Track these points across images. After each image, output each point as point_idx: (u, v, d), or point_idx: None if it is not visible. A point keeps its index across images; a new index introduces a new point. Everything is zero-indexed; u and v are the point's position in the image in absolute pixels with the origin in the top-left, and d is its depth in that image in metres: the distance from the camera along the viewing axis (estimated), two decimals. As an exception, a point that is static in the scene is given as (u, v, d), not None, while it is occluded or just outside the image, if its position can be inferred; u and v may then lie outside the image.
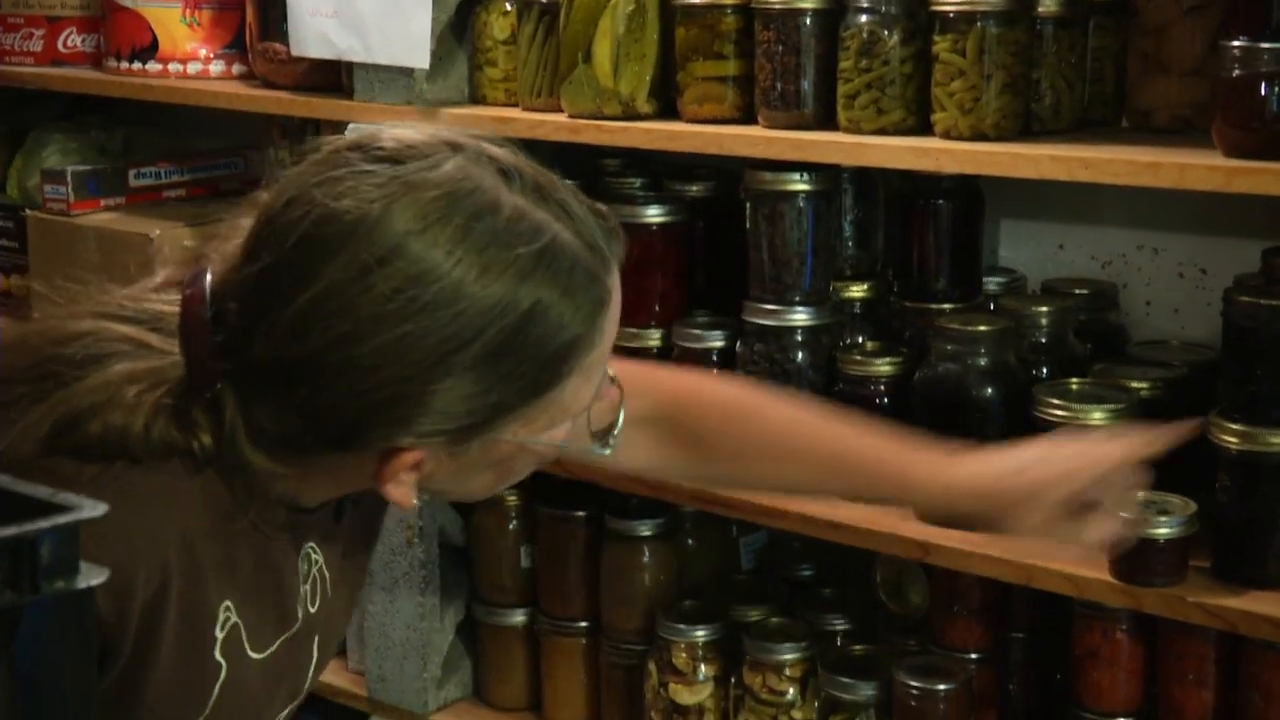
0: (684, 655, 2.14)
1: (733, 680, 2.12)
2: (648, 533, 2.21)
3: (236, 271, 1.20)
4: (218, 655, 1.25)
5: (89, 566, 0.79)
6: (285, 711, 1.38)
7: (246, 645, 1.28)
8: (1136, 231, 2.10)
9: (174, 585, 1.20)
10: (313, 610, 1.35)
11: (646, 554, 2.22)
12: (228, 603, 1.25)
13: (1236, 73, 1.62)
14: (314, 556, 1.34)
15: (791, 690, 2.06)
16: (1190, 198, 1.76)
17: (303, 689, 1.39)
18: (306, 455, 1.20)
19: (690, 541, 2.29)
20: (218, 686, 1.25)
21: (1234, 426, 1.69)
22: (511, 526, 2.35)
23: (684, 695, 2.15)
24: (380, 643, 2.37)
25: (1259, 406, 1.68)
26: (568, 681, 2.31)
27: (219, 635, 1.25)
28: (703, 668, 2.14)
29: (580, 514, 2.26)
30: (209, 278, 1.22)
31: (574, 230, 1.20)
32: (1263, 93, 1.60)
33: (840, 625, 2.14)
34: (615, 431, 1.35)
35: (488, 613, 2.39)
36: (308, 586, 1.34)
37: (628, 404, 1.36)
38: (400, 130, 1.23)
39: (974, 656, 1.97)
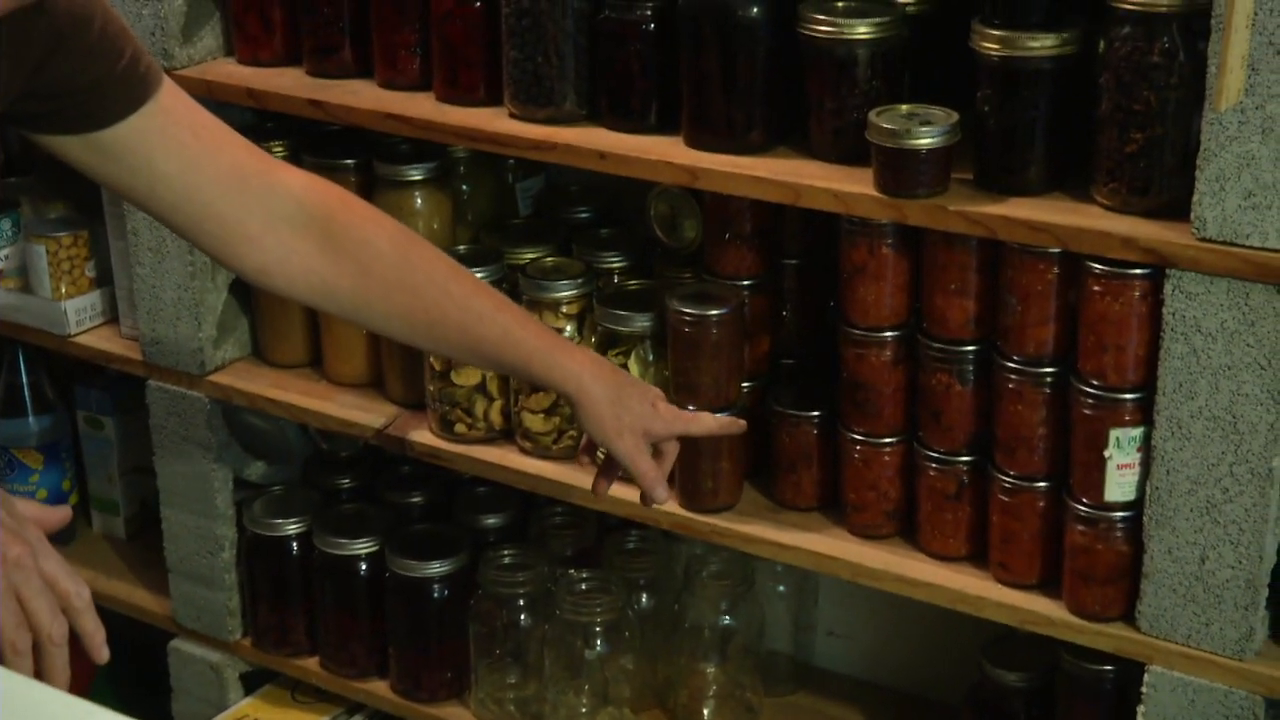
0: (461, 299, 2.11)
1: (510, 321, 2.10)
2: (419, 177, 2.16)
3: None
4: None
5: None
6: None
7: None
8: None
9: None
10: None
11: (419, 199, 2.17)
12: None
13: None
14: None
15: (569, 327, 2.05)
16: None
17: None
18: None
19: (465, 187, 2.24)
20: None
21: (994, 33, 1.67)
22: (281, 180, 2.27)
23: (463, 339, 2.13)
24: (152, 305, 2.30)
25: (1018, 11, 1.67)
26: (347, 333, 2.27)
27: None
28: (480, 311, 2.12)
29: (349, 161, 2.19)
30: None
31: None
32: None
33: (617, 263, 2.13)
34: None
35: (262, 270, 2.33)
36: None
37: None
38: None
39: (747, 283, 1.97)
